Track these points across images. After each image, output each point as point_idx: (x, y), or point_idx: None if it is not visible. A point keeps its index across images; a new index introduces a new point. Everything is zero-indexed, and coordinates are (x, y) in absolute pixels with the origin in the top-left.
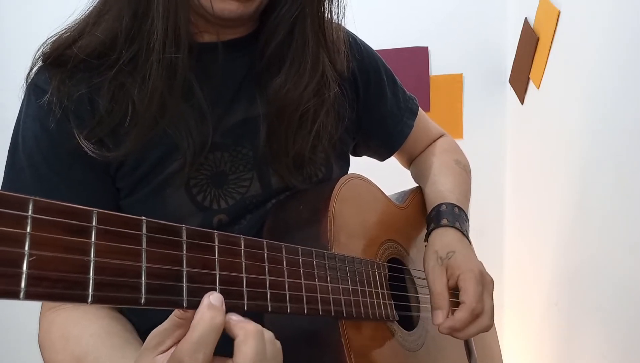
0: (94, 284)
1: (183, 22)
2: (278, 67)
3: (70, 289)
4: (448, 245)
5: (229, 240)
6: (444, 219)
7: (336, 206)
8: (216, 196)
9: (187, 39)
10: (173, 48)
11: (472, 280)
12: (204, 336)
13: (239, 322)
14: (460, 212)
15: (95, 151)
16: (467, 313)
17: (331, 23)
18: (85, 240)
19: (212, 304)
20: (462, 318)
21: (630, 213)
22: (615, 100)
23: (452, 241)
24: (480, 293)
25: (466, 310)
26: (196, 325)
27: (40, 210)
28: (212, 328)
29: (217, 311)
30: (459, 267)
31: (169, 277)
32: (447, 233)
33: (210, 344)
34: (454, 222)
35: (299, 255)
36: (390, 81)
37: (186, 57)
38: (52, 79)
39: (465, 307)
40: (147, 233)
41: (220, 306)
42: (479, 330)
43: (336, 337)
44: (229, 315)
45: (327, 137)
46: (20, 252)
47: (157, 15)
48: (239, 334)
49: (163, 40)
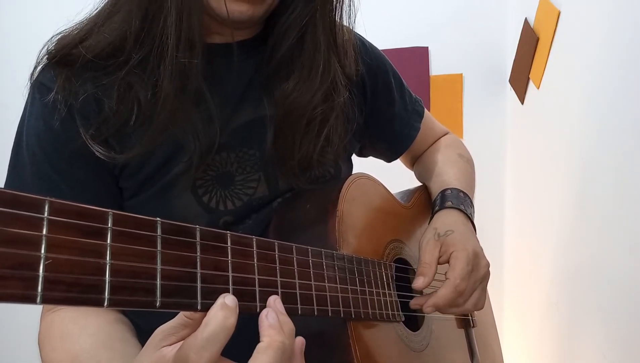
0: (110, 287)
1: (197, 26)
2: (287, 72)
3: (86, 293)
4: (449, 224)
5: (241, 241)
6: (448, 202)
7: (344, 205)
8: (222, 197)
9: (202, 43)
10: (187, 53)
11: (462, 259)
12: (214, 334)
13: (270, 328)
14: (465, 197)
15: (103, 153)
16: (449, 289)
17: (342, 27)
18: (101, 242)
19: (226, 304)
20: (444, 294)
21: (630, 213)
22: (615, 100)
23: (454, 222)
24: (468, 272)
25: (448, 287)
26: (208, 323)
27: (56, 212)
28: (223, 328)
29: (230, 312)
30: (453, 245)
31: (183, 279)
32: (451, 213)
33: (218, 343)
34: (459, 205)
35: (309, 256)
36: (398, 83)
37: (200, 63)
38: (57, 77)
39: (449, 284)
40: (162, 235)
41: (234, 308)
42: (465, 309)
43: (345, 338)
44: (265, 313)
45: (337, 140)
46: (36, 255)
47: (170, 18)
48: (263, 340)
49: (176, 45)
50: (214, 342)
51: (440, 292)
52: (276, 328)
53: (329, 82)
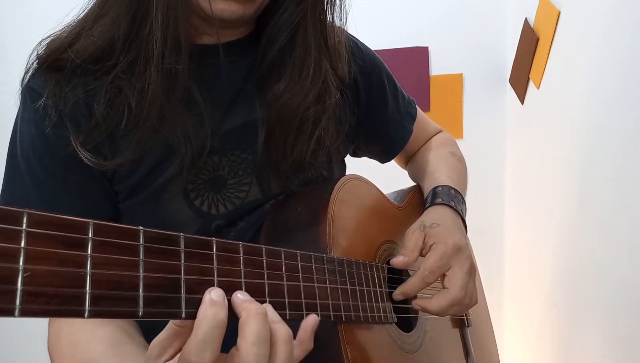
0: (91, 298)
1: (183, 30)
2: (279, 73)
3: (67, 304)
4: (436, 218)
5: (227, 247)
6: (439, 199)
7: (335, 208)
8: (214, 201)
9: (188, 47)
10: (173, 57)
11: (437, 252)
12: (209, 333)
13: (243, 302)
14: (456, 193)
15: (92, 160)
16: (416, 279)
17: (333, 28)
18: (81, 253)
19: (213, 300)
20: (412, 283)
21: (630, 213)
22: (615, 100)
23: (442, 217)
24: (440, 267)
25: (416, 277)
26: (200, 323)
27: (35, 223)
28: (215, 324)
29: (219, 307)
30: (435, 237)
31: (167, 288)
32: (440, 209)
33: (215, 340)
34: (449, 201)
35: (298, 261)
36: (392, 85)
37: (186, 67)
38: (47, 82)
39: (417, 273)
40: (144, 244)
41: (222, 302)
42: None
43: (335, 341)
44: (235, 294)
45: (329, 142)
46: (14, 268)
47: (156, 22)
48: (241, 314)
49: (162, 50)
50: (211, 341)
51: (409, 281)
52: (248, 300)
53: (320, 83)
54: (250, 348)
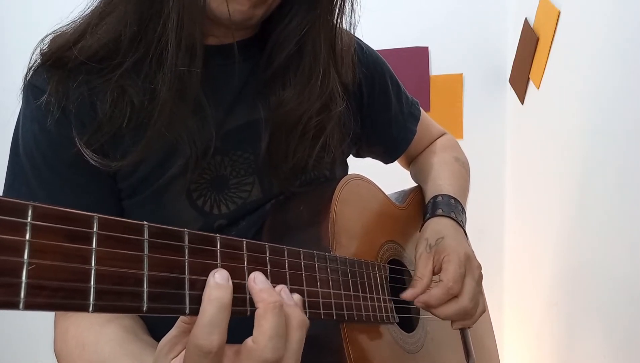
0: (95, 292)
1: (198, 32)
2: (284, 80)
3: (71, 298)
4: (439, 231)
5: (231, 244)
6: (439, 210)
7: (337, 207)
8: (217, 201)
9: (202, 50)
10: (187, 60)
11: (454, 262)
12: (215, 316)
13: (260, 292)
14: (456, 203)
15: (97, 160)
16: (441, 290)
17: (341, 36)
18: (86, 247)
19: (218, 283)
20: (436, 294)
21: (630, 213)
22: (615, 100)
23: (444, 228)
24: (461, 275)
25: (441, 288)
26: (205, 307)
27: (40, 216)
28: (221, 307)
29: (224, 290)
30: (445, 250)
31: (171, 284)
32: (441, 221)
33: (222, 323)
34: (449, 212)
35: (301, 258)
36: (395, 86)
37: (200, 71)
38: (50, 80)
39: (442, 285)
40: (148, 239)
41: (227, 283)
42: (457, 310)
43: (338, 340)
44: (252, 279)
45: (334, 147)
46: (19, 261)
47: (170, 24)
48: (258, 306)
49: (176, 52)
50: (217, 324)
51: (433, 291)
52: (265, 289)
53: (327, 93)
54: (267, 343)
